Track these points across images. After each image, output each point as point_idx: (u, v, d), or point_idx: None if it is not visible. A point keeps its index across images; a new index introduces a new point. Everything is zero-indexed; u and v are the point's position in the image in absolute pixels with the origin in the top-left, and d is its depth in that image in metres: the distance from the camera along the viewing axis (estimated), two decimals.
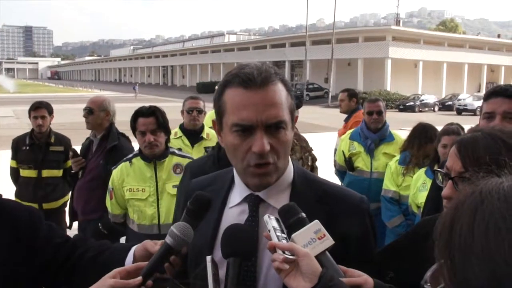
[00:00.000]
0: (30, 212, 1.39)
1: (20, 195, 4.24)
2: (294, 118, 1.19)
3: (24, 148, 4.25)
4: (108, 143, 3.59)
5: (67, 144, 4.34)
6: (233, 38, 74.85)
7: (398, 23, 59.87)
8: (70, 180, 4.15)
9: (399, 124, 15.12)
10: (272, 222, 1.07)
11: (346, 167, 4.49)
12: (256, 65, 1.14)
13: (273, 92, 1.11)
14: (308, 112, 23.72)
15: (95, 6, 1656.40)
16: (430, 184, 3.01)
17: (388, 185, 3.89)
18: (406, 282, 1.20)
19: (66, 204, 4.37)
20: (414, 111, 31.28)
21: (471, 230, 0.63)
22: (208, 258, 1.07)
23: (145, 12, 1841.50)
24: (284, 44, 50.35)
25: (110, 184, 3.06)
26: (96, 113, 3.65)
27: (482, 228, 0.62)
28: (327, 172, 4.03)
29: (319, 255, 1.04)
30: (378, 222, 3.81)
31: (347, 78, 40.85)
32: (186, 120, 3.96)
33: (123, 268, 1.14)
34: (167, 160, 2.98)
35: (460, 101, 32.95)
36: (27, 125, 4.42)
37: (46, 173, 4.22)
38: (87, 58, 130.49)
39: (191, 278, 1.18)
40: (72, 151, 3.72)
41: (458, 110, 31.18)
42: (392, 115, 21.64)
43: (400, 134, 4.49)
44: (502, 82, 46.91)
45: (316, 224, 1.06)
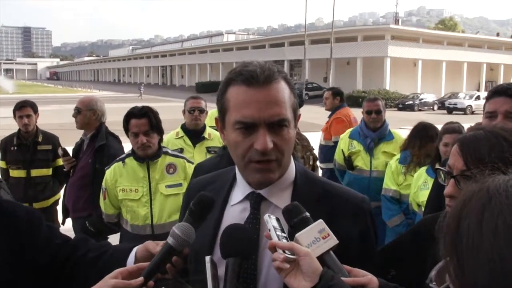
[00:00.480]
0: (30, 213, 1.38)
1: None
2: (297, 117, 1.19)
3: (12, 148, 4.23)
4: (97, 142, 3.63)
5: (55, 142, 4.32)
6: (232, 38, 74.78)
7: (397, 22, 59.95)
8: (63, 179, 4.15)
9: (399, 123, 15.13)
10: (272, 222, 1.07)
11: (345, 166, 4.48)
12: (259, 63, 1.14)
13: (276, 90, 1.11)
14: (308, 111, 23.64)
15: (94, 6, 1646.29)
16: (431, 182, 3.01)
17: (389, 184, 3.88)
18: (408, 280, 1.20)
19: (57, 202, 4.36)
20: (413, 110, 31.04)
21: (480, 228, 0.61)
22: (207, 258, 1.07)
23: (143, 12, 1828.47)
24: (283, 43, 50.35)
25: (104, 184, 3.07)
26: (83, 112, 3.69)
27: (491, 227, 0.60)
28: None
29: (323, 255, 1.03)
30: (378, 221, 3.80)
31: (346, 77, 40.83)
32: (188, 120, 3.95)
33: (124, 269, 1.13)
34: (160, 160, 2.98)
35: (450, 99, 32.39)
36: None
37: (35, 172, 4.20)
38: (86, 59, 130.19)
39: (191, 278, 1.18)
40: (63, 150, 3.73)
41: (448, 109, 30.65)
42: (391, 114, 21.65)
43: (400, 133, 4.48)
44: (501, 81, 46.99)
45: (320, 223, 1.06)
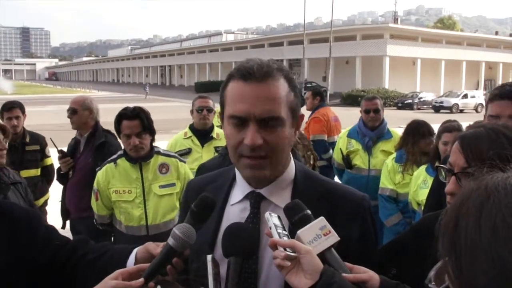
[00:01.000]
0: (29, 214, 1.38)
1: None
2: (297, 116, 1.18)
3: None
4: (96, 140, 3.63)
5: (42, 142, 4.31)
6: (230, 37, 74.75)
7: (396, 21, 59.90)
8: (51, 178, 4.20)
9: (397, 122, 15.09)
10: (273, 219, 1.07)
11: (344, 164, 4.48)
12: (261, 60, 1.15)
13: (271, 86, 1.11)
14: (306, 110, 23.65)
15: (92, 6, 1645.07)
16: (430, 181, 3.01)
17: (385, 183, 3.86)
18: (408, 279, 1.20)
19: (46, 203, 4.35)
20: (412, 109, 30.94)
21: (478, 227, 0.60)
22: (209, 257, 1.07)
23: (142, 12, 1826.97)
24: (282, 42, 50.34)
25: (95, 185, 3.05)
26: (79, 112, 3.69)
27: (490, 225, 0.59)
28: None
29: (324, 252, 1.04)
30: (376, 220, 3.79)
31: (345, 76, 40.86)
32: (196, 119, 3.93)
33: (125, 270, 1.13)
34: (153, 160, 2.98)
35: (437, 98, 31.78)
36: (26, 126, 4.36)
37: (25, 173, 4.13)
38: (85, 59, 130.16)
39: (192, 277, 1.18)
40: (60, 151, 3.71)
41: (435, 108, 30.18)
42: (390, 113, 21.60)
43: (398, 131, 4.47)
44: (500, 79, 47.01)
45: (321, 220, 1.06)
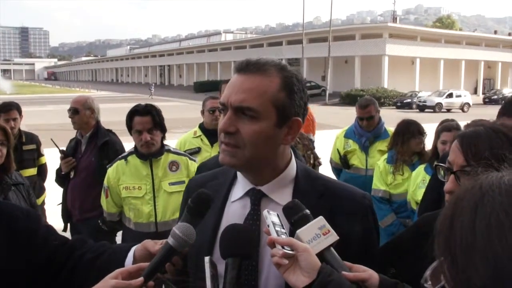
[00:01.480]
0: (28, 213, 1.38)
1: None
2: (286, 117, 1.14)
3: None
4: (99, 140, 3.62)
5: (37, 141, 4.32)
6: (229, 37, 74.61)
7: (394, 20, 59.89)
8: (45, 177, 4.23)
9: (396, 121, 15.07)
10: (271, 217, 1.07)
11: (341, 164, 4.48)
12: (266, 58, 1.17)
13: (257, 80, 1.13)
14: None
15: (91, 6, 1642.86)
16: None
17: (378, 184, 3.85)
18: (407, 279, 1.20)
19: (44, 202, 4.34)
20: (411, 108, 30.94)
21: (473, 226, 0.60)
22: (206, 259, 1.07)
23: (141, 12, 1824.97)
24: (281, 42, 50.26)
25: (106, 182, 3.07)
26: (81, 112, 3.67)
27: (484, 224, 0.59)
28: (325, 170, 4.03)
29: (323, 251, 1.04)
30: None
31: (344, 75, 40.85)
32: (208, 120, 3.93)
33: (124, 269, 1.13)
34: (163, 157, 2.99)
35: (420, 97, 31.59)
36: (25, 126, 4.36)
37: (23, 173, 4.11)
38: (84, 59, 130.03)
39: (191, 278, 1.18)
40: (62, 152, 3.71)
41: (419, 107, 30.05)
42: (389, 113, 21.61)
43: None
44: (499, 79, 47.06)
45: (320, 220, 1.06)
